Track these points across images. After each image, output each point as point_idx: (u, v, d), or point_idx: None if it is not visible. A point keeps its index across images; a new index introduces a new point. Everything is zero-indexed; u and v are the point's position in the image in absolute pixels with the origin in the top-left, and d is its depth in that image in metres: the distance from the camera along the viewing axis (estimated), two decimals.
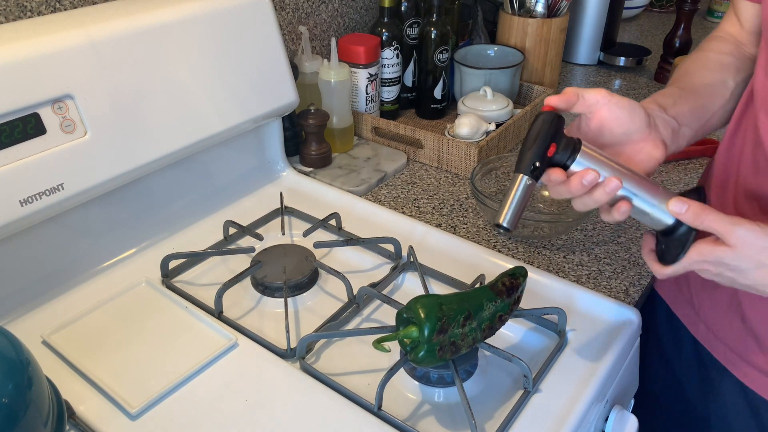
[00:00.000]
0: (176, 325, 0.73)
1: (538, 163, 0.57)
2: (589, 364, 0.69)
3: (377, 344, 0.61)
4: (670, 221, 0.60)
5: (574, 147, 0.57)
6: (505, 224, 0.57)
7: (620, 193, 0.58)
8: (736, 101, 0.70)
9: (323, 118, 1.04)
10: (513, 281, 0.68)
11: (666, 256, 0.61)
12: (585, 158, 0.57)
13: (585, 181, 0.56)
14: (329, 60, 1.06)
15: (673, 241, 0.60)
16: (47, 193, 0.69)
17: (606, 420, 0.71)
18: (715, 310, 0.75)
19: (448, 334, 0.60)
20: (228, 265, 0.84)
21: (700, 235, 0.58)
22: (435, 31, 1.19)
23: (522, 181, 0.57)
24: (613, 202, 0.59)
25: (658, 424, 0.90)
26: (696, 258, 0.57)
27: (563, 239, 0.92)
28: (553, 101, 0.58)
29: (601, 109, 0.60)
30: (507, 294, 0.66)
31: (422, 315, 0.60)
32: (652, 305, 0.89)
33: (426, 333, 0.59)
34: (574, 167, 0.58)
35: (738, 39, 0.73)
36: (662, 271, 0.60)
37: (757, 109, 0.65)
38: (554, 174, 0.57)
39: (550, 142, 0.57)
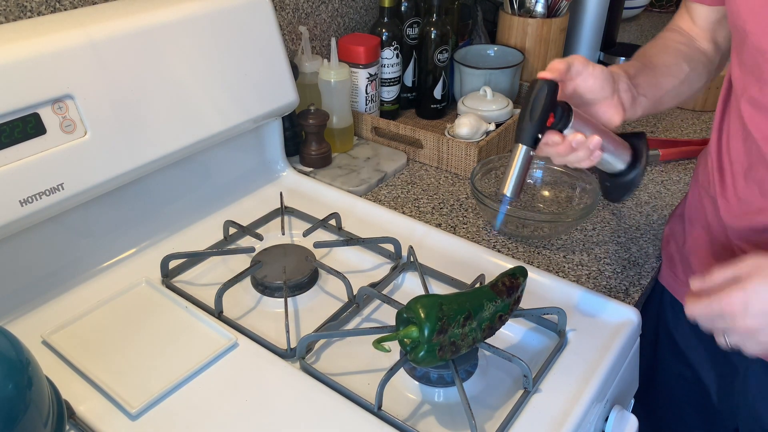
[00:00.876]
0: (176, 325, 0.73)
1: (540, 135, 0.62)
2: (589, 364, 0.69)
3: (377, 344, 0.61)
4: (622, 167, 0.70)
5: (567, 114, 0.62)
6: (508, 194, 0.62)
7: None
8: (689, 86, 0.77)
9: (323, 118, 1.04)
10: (513, 281, 0.68)
11: (611, 194, 0.73)
12: (575, 122, 0.63)
13: (574, 143, 0.62)
14: (329, 60, 1.06)
15: (621, 183, 0.71)
16: (47, 193, 0.69)
17: (606, 420, 0.71)
18: None
19: (448, 334, 0.60)
20: (228, 265, 0.84)
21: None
22: (435, 31, 1.19)
23: (523, 151, 0.62)
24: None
25: (678, 419, 0.91)
26: (734, 298, 0.56)
27: (563, 239, 0.92)
28: (547, 76, 0.64)
29: (576, 78, 0.66)
30: (507, 294, 0.66)
31: (422, 315, 0.60)
32: (659, 299, 0.89)
33: (426, 333, 0.59)
34: (565, 131, 0.63)
35: (690, 34, 0.80)
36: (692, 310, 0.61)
37: (738, 100, 0.69)
38: (552, 137, 0.62)
39: (549, 112, 0.61)
